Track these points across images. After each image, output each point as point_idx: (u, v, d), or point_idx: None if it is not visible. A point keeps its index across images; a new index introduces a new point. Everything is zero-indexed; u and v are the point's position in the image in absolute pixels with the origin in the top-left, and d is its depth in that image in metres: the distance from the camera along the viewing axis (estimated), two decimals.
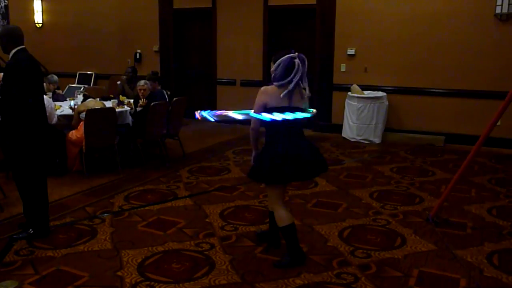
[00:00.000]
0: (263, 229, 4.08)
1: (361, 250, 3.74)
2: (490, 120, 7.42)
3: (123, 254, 3.65)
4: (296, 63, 3.31)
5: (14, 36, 3.86)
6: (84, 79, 10.87)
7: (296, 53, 3.36)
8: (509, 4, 7.06)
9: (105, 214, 4.53)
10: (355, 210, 4.66)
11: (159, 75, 7.52)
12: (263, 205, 4.81)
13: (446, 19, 7.61)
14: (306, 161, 3.38)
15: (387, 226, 4.26)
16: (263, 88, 3.42)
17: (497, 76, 7.38)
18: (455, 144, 7.61)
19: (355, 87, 8.02)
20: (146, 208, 4.72)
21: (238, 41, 9.27)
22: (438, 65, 7.76)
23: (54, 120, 5.70)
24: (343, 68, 8.45)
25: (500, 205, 4.84)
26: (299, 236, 3.55)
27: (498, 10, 7.17)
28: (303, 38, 8.86)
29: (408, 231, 4.13)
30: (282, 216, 3.44)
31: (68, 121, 6.00)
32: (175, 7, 9.89)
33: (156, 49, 10.18)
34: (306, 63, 3.37)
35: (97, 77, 10.79)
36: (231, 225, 4.25)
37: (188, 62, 10.22)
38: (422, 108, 7.98)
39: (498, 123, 4.14)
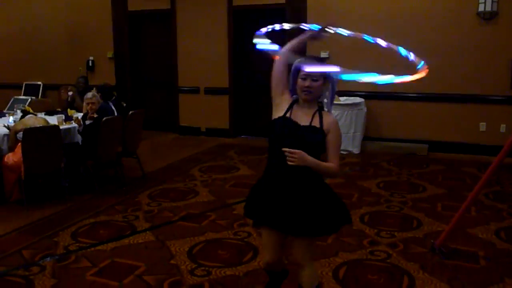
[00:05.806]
0: None
1: None
2: (475, 125, 7.02)
3: None
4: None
5: None
6: (32, 90, 9.79)
7: None
8: (492, 2, 6.58)
9: (47, 259, 3.68)
10: (347, 240, 3.97)
11: (110, 86, 6.42)
12: (238, 237, 4.07)
13: (425, 18, 7.07)
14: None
15: (388, 261, 3.60)
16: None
17: (479, 79, 6.90)
18: (439, 153, 7.07)
19: None
20: (98, 247, 3.90)
21: (201, 45, 8.49)
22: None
23: None
24: None
25: (507, 226, 4.26)
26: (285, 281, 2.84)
27: (481, 8, 6.68)
28: (273, 41, 8.15)
29: (414, 266, 3.48)
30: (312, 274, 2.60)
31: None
32: (130, 9, 9.02)
33: (111, 56, 9.27)
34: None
35: (46, 87, 9.74)
36: (203, 268, 3.49)
37: (146, 69, 9.35)
38: (401, 114, 7.42)
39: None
